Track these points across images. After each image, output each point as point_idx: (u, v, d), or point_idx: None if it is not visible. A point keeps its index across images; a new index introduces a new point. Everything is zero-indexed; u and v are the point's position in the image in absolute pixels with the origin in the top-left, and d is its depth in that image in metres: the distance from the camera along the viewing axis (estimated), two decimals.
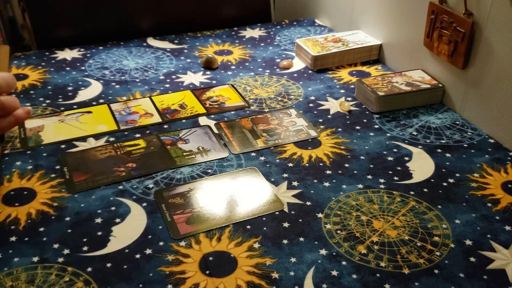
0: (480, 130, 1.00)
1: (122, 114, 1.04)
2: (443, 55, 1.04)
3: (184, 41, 1.41)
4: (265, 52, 1.35)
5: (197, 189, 0.83)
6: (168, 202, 0.80)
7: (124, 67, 1.25)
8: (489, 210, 0.79)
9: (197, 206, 0.79)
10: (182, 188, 0.83)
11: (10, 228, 0.74)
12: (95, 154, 0.91)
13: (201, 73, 1.23)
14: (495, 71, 0.94)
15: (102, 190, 0.83)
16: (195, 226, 0.75)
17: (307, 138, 0.97)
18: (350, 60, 1.27)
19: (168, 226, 0.75)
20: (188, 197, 0.81)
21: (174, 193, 0.82)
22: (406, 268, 0.69)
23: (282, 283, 0.66)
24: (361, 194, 0.82)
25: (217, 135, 0.98)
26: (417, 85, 1.08)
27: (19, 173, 0.86)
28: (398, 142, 0.96)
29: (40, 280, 0.66)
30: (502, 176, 0.87)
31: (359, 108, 1.08)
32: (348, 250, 0.71)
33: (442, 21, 1.02)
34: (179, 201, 0.80)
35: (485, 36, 0.95)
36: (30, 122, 1.00)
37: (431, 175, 0.87)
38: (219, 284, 0.66)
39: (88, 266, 0.68)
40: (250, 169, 0.88)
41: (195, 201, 0.80)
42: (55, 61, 1.28)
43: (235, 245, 0.72)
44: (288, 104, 1.09)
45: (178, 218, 0.76)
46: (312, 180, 0.86)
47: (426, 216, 0.78)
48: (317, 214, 0.78)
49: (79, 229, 0.75)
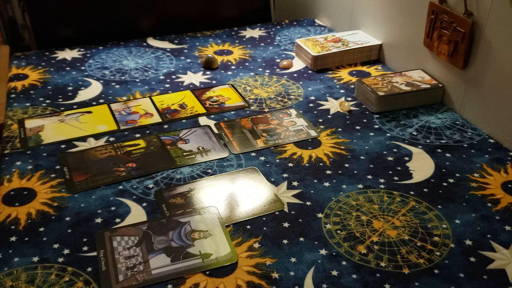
0: (480, 130, 1.00)
1: (122, 114, 1.04)
2: (443, 55, 1.04)
3: (184, 41, 1.41)
4: (265, 52, 1.35)
5: (197, 189, 0.83)
6: (168, 202, 0.80)
7: (124, 67, 1.25)
8: (489, 210, 0.79)
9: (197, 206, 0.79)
10: (182, 188, 0.83)
11: (10, 228, 0.75)
12: (95, 154, 0.91)
13: (201, 73, 1.23)
14: (495, 71, 0.94)
15: (102, 190, 0.83)
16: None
17: (307, 138, 0.97)
18: (350, 60, 1.27)
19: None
20: (188, 197, 0.81)
21: (174, 193, 0.82)
22: (406, 268, 0.69)
23: (282, 283, 0.66)
24: (361, 194, 0.82)
25: (217, 135, 0.98)
26: (417, 85, 1.08)
27: (19, 173, 0.86)
28: (398, 142, 0.96)
29: (40, 280, 0.66)
30: (502, 176, 0.87)
31: (359, 108, 1.08)
32: (348, 250, 0.71)
33: (442, 21, 1.02)
34: (179, 201, 0.80)
35: (485, 36, 0.95)
36: (30, 122, 1.00)
37: (431, 175, 0.87)
38: (219, 284, 0.66)
39: (88, 266, 0.68)
40: (250, 169, 0.88)
41: (195, 201, 0.80)
42: (55, 61, 1.28)
43: (235, 245, 0.72)
44: (288, 104, 1.09)
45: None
46: (312, 180, 0.86)
47: (426, 216, 0.78)
48: (317, 214, 0.78)
49: (79, 229, 0.75)
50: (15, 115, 1.03)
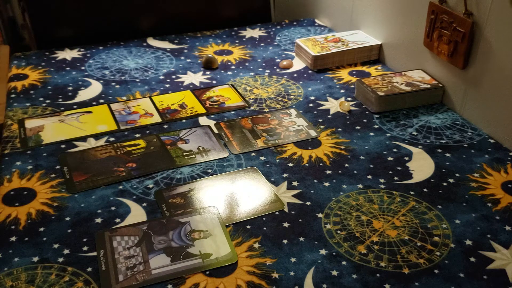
0: (480, 130, 1.00)
1: (122, 114, 1.04)
2: (443, 55, 1.04)
3: (184, 41, 1.41)
4: (265, 52, 1.35)
5: (197, 189, 0.83)
6: (168, 202, 0.80)
7: (124, 67, 1.25)
8: (489, 210, 0.79)
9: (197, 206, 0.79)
10: (182, 188, 0.83)
11: (10, 228, 0.75)
12: (95, 154, 0.91)
13: (201, 73, 1.23)
14: (495, 71, 0.94)
15: (102, 190, 0.83)
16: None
17: (307, 138, 0.97)
18: (350, 60, 1.27)
19: None
20: (188, 197, 0.81)
21: (174, 193, 0.82)
22: (406, 268, 0.69)
23: (282, 283, 0.66)
24: (361, 194, 0.82)
25: (217, 135, 0.98)
26: (417, 85, 1.08)
27: (19, 173, 0.86)
28: (398, 142, 0.96)
29: (40, 280, 0.66)
30: (502, 176, 0.87)
31: (359, 108, 1.08)
32: (348, 250, 0.71)
33: (442, 21, 1.02)
34: (179, 201, 0.80)
35: (485, 36, 0.95)
36: (30, 122, 1.00)
37: (431, 175, 0.87)
38: (219, 284, 0.66)
39: (88, 266, 0.68)
40: (250, 169, 0.88)
41: (195, 201, 0.80)
42: (55, 61, 1.28)
43: (235, 245, 0.72)
44: (288, 104, 1.09)
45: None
46: (312, 180, 0.86)
47: (426, 216, 0.78)
48: (317, 214, 0.78)
49: (79, 229, 0.75)
50: (15, 115, 1.03)
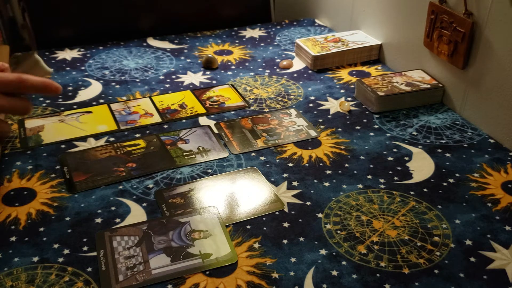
0: (480, 130, 1.00)
1: (122, 114, 1.04)
2: (443, 55, 1.04)
3: (184, 41, 1.41)
4: (265, 52, 1.35)
5: (197, 189, 0.83)
6: (168, 202, 0.80)
7: (124, 67, 1.25)
8: (489, 210, 0.79)
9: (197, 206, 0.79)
10: (182, 188, 0.83)
11: (10, 228, 0.74)
12: (95, 154, 0.91)
13: (201, 73, 1.23)
14: (495, 71, 0.94)
15: (102, 190, 0.83)
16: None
17: (307, 138, 0.97)
18: (350, 60, 1.27)
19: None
20: (188, 197, 0.81)
21: (174, 193, 0.82)
22: (406, 268, 0.69)
23: (282, 283, 0.66)
24: (361, 194, 0.82)
25: (217, 135, 0.98)
26: (417, 85, 1.08)
27: (19, 173, 0.86)
28: (398, 142, 0.96)
29: (40, 280, 0.66)
30: (502, 176, 0.87)
31: (359, 108, 1.08)
32: (348, 250, 0.71)
33: (442, 21, 1.02)
34: (179, 201, 0.80)
35: (485, 36, 0.95)
36: (30, 122, 1.00)
37: (431, 175, 0.87)
38: (219, 284, 0.66)
39: (88, 266, 0.68)
40: (250, 169, 0.88)
41: (195, 201, 0.80)
42: (55, 61, 1.28)
43: (235, 245, 0.72)
44: (288, 104, 1.09)
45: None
46: (312, 180, 0.86)
47: (426, 216, 0.78)
48: (317, 214, 0.78)
49: (79, 229, 0.75)
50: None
